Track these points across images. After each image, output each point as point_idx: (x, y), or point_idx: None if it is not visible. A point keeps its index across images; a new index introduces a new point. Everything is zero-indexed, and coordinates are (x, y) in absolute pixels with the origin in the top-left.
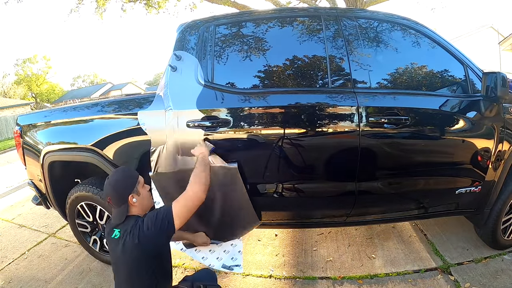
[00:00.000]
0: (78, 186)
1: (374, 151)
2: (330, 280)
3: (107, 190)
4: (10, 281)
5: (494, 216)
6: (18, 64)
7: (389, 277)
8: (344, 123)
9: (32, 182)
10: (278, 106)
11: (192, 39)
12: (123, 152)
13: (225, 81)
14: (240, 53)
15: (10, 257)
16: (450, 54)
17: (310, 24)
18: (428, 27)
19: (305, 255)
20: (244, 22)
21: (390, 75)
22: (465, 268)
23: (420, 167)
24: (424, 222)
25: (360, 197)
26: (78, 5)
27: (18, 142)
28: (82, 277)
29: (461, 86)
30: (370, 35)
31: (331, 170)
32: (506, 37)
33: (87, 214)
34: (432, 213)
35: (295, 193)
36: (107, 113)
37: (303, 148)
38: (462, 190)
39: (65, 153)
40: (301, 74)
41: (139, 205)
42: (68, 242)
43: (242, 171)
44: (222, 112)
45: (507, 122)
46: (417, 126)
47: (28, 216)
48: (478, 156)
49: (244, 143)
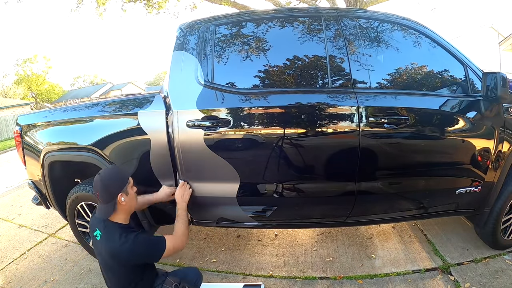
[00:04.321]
0: (78, 186)
1: (374, 151)
2: (330, 280)
3: (97, 185)
4: (10, 281)
5: (494, 216)
6: (18, 64)
7: (389, 277)
8: (344, 123)
9: (32, 182)
10: (278, 106)
11: (192, 39)
12: (123, 152)
13: (225, 81)
14: (240, 53)
15: (10, 257)
16: (450, 54)
17: (310, 24)
18: (428, 27)
19: (305, 255)
20: (244, 22)
21: (390, 75)
22: (465, 268)
23: (420, 167)
24: (424, 222)
25: (360, 197)
26: (78, 4)
27: (18, 142)
28: (82, 277)
29: (461, 86)
30: (370, 35)
31: (331, 170)
32: (506, 37)
33: (87, 214)
34: (432, 213)
35: (295, 193)
36: (107, 113)
37: (303, 148)
38: (462, 190)
39: (65, 153)
40: (301, 74)
41: (127, 205)
42: (68, 242)
43: (242, 171)
44: (222, 112)
45: (507, 122)
46: (417, 126)
47: (28, 216)
48: (478, 156)
49: (244, 143)
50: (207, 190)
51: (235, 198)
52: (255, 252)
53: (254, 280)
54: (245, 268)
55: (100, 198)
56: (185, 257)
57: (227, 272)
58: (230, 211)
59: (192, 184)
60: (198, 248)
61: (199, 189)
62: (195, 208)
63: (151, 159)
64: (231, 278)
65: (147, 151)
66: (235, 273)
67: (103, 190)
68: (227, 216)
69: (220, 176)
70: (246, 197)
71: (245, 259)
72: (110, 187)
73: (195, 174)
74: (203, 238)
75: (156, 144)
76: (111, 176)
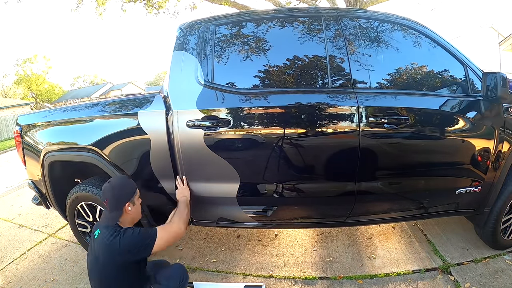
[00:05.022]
0: (78, 186)
1: (374, 151)
2: (330, 280)
3: (106, 193)
4: (10, 281)
5: (494, 216)
6: (18, 64)
7: (389, 277)
8: (344, 123)
9: (32, 182)
10: (278, 106)
11: (192, 39)
12: (123, 152)
13: (225, 81)
14: (240, 53)
15: (10, 257)
16: (450, 54)
17: (310, 24)
18: (428, 27)
19: (305, 255)
20: (244, 22)
21: (390, 75)
22: (465, 268)
23: (420, 167)
24: (424, 222)
25: (360, 197)
26: (78, 4)
27: (18, 142)
28: (82, 277)
29: (461, 86)
30: (371, 35)
31: (331, 170)
32: (506, 37)
33: (87, 214)
34: (432, 213)
35: (295, 193)
36: (107, 113)
37: (303, 148)
38: (462, 190)
39: (65, 153)
40: (302, 74)
41: (132, 215)
42: (68, 242)
43: (242, 171)
44: (222, 112)
45: (507, 122)
46: (417, 126)
47: (28, 216)
48: (478, 156)
49: (244, 143)
50: (207, 190)
51: (235, 198)
52: (255, 252)
53: (254, 280)
54: (245, 268)
55: (108, 205)
56: (185, 257)
57: (227, 272)
58: (230, 211)
59: (192, 184)
60: (198, 248)
61: (199, 189)
62: (195, 208)
63: (151, 159)
64: (231, 278)
65: (147, 151)
66: (235, 273)
67: (112, 198)
68: (227, 216)
69: (220, 176)
70: (246, 197)
71: (245, 259)
72: (119, 196)
73: (195, 174)
74: (203, 238)
75: (156, 144)
76: (121, 186)
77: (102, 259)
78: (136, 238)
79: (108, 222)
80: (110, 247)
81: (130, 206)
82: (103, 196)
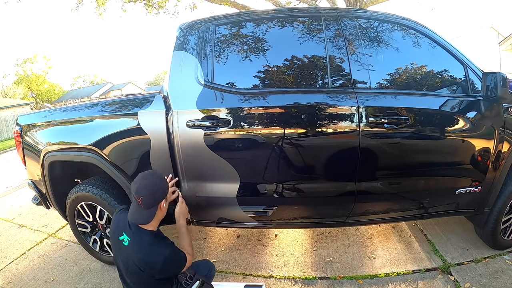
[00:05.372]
0: (78, 186)
1: (374, 151)
2: (330, 280)
3: (140, 191)
4: (10, 281)
5: (494, 216)
6: (18, 64)
7: (389, 277)
8: (344, 123)
9: (32, 182)
10: (278, 106)
11: (192, 39)
12: (123, 152)
13: (225, 81)
14: (240, 53)
15: (10, 257)
16: (450, 54)
17: (310, 24)
18: (428, 27)
19: (305, 255)
20: (244, 22)
21: (390, 75)
22: (465, 268)
23: (420, 167)
24: (424, 222)
25: (360, 197)
26: (78, 4)
27: (18, 142)
28: (82, 277)
29: (461, 86)
30: (370, 35)
31: (331, 170)
32: (506, 37)
33: (87, 214)
34: (432, 213)
35: (295, 193)
36: (107, 113)
37: (303, 148)
38: (462, 190)
39: (65, 153)
40: (301, 74)
41: (164, 211)
42: (68, 242)
43: (242, 171)
44: (222, 112)
45: (507, 122)
46: (417, 126)
47: (28, 216)
48: (478, 156)
49: (244, 143)
50: (207, 190)
51: (235, 198)
52: (255, 252)
53: (254, 280)
54: (245, 268)
55: (143, 203)
56: None
57: (227, 272)
58: (230, 211)
59: (192, 184)
60: (198, 248)
61: (199, 189)
62: (195, 208)
63: (151, 159)
64: (231, 278)
65: (147, 151)
66: (235, 273)
67: (149, 195)
68: (227, 216)
69: (220, 176)
70: (246, 197)
71: (245, 259)
72: (156, 193)
73: (195, 174)
74: (203, 238)
75: (156, 144)
76: (157, 183)
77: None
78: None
79: (140, 221)
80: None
81: (164, 202)
82: (137, 194)
